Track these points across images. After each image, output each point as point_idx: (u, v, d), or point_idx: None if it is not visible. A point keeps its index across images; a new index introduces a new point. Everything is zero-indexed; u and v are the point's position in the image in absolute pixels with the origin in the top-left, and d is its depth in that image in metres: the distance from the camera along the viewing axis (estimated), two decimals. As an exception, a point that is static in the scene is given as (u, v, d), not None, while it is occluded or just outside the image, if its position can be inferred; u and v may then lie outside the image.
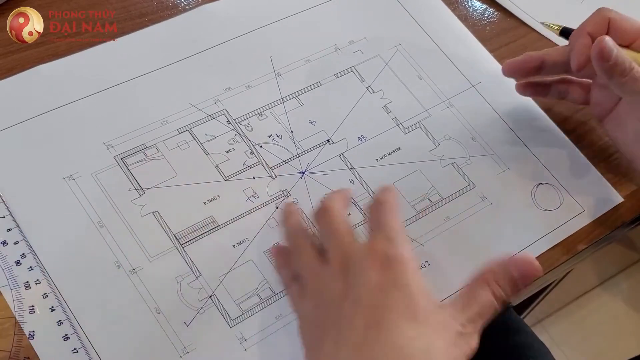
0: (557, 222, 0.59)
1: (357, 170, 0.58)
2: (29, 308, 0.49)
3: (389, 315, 0.43)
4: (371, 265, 0.45)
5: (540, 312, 1.46)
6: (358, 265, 0.45)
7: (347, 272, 0.45)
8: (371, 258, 0.45)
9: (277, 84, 0.62)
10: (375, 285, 0.44)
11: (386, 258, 0.45)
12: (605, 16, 0.57)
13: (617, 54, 0.54)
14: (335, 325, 0.44)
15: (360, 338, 0.42)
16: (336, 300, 0.45)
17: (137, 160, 0.56)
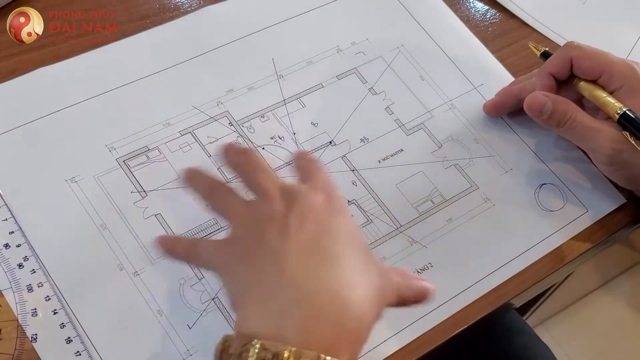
0: (560, 223, 0.59)
1: (359, 172, 0.58)
2: (31, 311, 0.49)
3: (337, 229, 0.43)
4: (314, 195, 0.44)
5: (543, 313, 1.46)
6: (301, 192, 0.44)
7: (287, 198, 0.44)
8: (314, 190, 0.45)
9: (279, 85, 0.61)
10: (320, 206, 0.44)
11: (329, 195, 0.45)
12: (567, 56, 0.58)
13: (552, 107, 0.56)
14: (279, 230, 0.42)
15: (310, 240, 0.42)
16: (277, 215, 0.43)
17: (140, 162, 0.56)
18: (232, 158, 0.48)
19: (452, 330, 0.53)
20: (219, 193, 0.47)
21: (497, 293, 0.55)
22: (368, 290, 0.42)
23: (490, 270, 0.56)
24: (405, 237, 0.56)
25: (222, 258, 0.44)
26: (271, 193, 0.44)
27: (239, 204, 0.46)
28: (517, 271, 0.56)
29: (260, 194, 0.45)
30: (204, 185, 0.48)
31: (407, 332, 0.52)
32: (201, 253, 0.46)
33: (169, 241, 0.48)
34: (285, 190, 0.45)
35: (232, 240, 0.44)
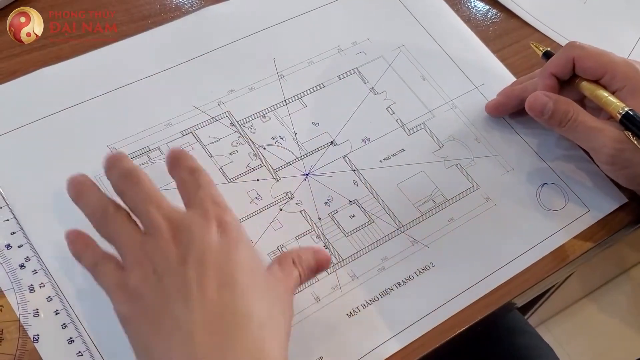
0: (562, 222, 0.59)
1: (360, 171, 0.58)
2: (33, 311, 0.49)
3: (238, 274, 0.42)
4: (207, 228, 0.43)
5: (545, 313, 1.46)
6: (193, 229, 0.42)
7: (179, 237, 0.42)
8: (206, 222, 0.43)
9: (281, 85, 0.61)
10: (216, 246, 0.42)
11: (221, 222, 0.43)
12: (569, 56, 0.58)
13: (553, 107, 0.56)
14: (180, 290, 0.41)
15: (215, 298, 0.41)
16: (174, 265, 0.41)
17: (141, 162, 0.56)
18: (117, 183, 0.46)
19: (453, 330, 0.53)
20: (111, 222, 0.44)
21: (498, 293, 0.55)
22: (281, 340, 0.43)
23: (491, 270, 0.56)
24: (407, 237, 0.56)
25: (122, 307, 0.42)
26: (161, 228, 0.42)
27: (134, 239, 0.43)
28: (518, 271, 0.56)
29: (151, 229, 0.43)
30: (93, 206, 0.45)
31: (408, 332, 0.52)
32: (102, 278, 0.44)
33: (79, 242, 0.46)
34: (175, 225, 0.43)
35: (130, 290, 0.42)
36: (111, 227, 0.44)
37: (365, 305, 0.53)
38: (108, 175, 0.46)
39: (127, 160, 0.46)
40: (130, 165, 0.46)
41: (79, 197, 0.46)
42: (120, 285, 0.42)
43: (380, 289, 0.53)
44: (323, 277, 0.53)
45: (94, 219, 0.45)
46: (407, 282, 0.54)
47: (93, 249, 0.45)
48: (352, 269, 0.54)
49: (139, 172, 0.45)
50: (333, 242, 0.55)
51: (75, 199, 0.46)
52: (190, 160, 0.47)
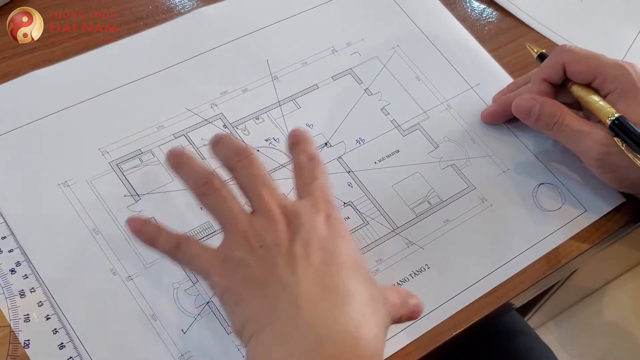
0: (558, 223, 0.58)
1: (355, 173, 0.58)
2: (24, 316, 0.48)
3: (342, 258, 0.43)
4: (316, 217, 0.44)
5: (546, 313, 1.45)
6: (302, 215, 0.44)
7: (289, 221, 0.44)
8: (315, 211, 0.44)
9: (274, 87, 0.61)
10: (323, 232, 0.44)
11: (329, 216, 0.45)
12: (559, 60, 0.57)
13: (540, 109, 0.57)
14: (287, 261, 0.42)
15: (321, 272, 0.42)
16: (283, 242, 0.43)
17: (133, 165, 0.55)
18: (229, 158, 0.47)
19: (449, 332, 0.52)
20: (216, 193, 0.45)
21: (494, 294, 0.55)
22: (379, 323, 0.42)
23: (487, 271, 0.55)
24: (402, 238, 0.55)
25: (223, 280, 0.43)
26: (274, 213, 0.44)
27: (240, 216, 0.44)
28: (515, 272, 0.56)
29: (263, 211, 0.44)
30: (196, 177, 0.46)
31: (403, 335, 0.51)
32: (192, 258, 0.45)
33: (146, 227, 0.47)
34: (287, 211, 0.44)
35: (235, 261, 0.43)
36: (216, 197, 0.45)
37: (360, 308, 0.52)
38: (216, 151, 0.47)
39: (237, 140, 0.47)
40: (242, 144, 0.47)
41: (179, 166, 0.47)
42: (222, 259, 0.43)
43: (375, 291, 0.53)
44: (317, 279, 0.53)
45: (196, 187, 0.46)
46: (402, 284, 0.54)
47: (167, 232, 0.46)
48: (346, 272, 0.53)
49: (252, 152, 0.47)
50: (327, 245, 0.54)
51: (176, 167, 0.47)
52: (311, 146, 0.49)
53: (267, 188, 0.45)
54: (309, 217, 0.44)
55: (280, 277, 0.41)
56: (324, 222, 0.44)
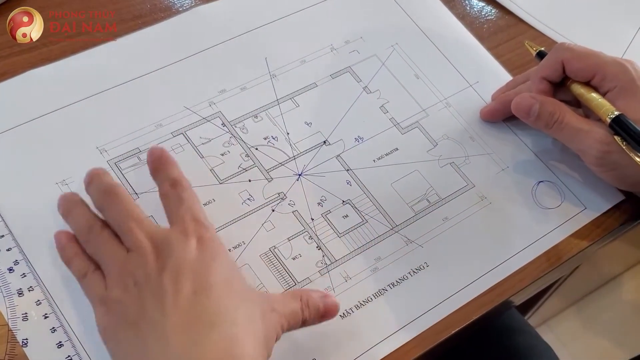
0: (558, 220, 0.58)
1: (354, 171, 0.58)
2: (22, 315, 0.48)
3: (213, 280, 0.43)
4: (186, 243, 0.44)
5: (547, 312, 1.45)
6: (172, 243, 0.44)
7: (160, 252, 0.44)
8: (185, 237, 0.44)
9: (273, 85, 0.61)
10: (194, 258, 0.44)
11: (201, 238, 0.45)
12: (558, 58, 0.57)
13: (539, 108, 0.57)
14: (156, 296, 0.42)
15: (189, 303, 0.42)
16: (152, 276, 0.43)
17: (131, 164, 0.55)
18: (97, 200, 0.48)
19: (447, 331, 0.52)
20: (97, 238, 0.46)
21: (493, 293, 0.54)
22: (256, 339, 0.43)
23: (486, 269, 0.55)
24: (401, 236, 0.55)
25: (104, 320, 0.44)
26: (143, 246, 0.44)
27: (117, 256, 0.45)
28: (513, 270, 0.56)
29: (134, 247, 0.44)
30: (81, 225, 0.47)
31: (402, 333, 0.51)
32: (89, 290, 0.46)
33: (68, 248, 0.47)
34: (157, 242, 0.44)
35: (111, 302, 0.44)
36: (96, 244, 0.46)
37: (359, 306, 0.52)
38: (88, 191, 0.48)
39: (106, 176, 0.48)
40: (109, 181, 0.48)
41: (67, 214, 0.48)
42: (102, 299, 0.44)
43: (374, 290, 0.53)
44: (316, 278, 0.53)
45: (80, 235, 0.47)
46: (401, 282, 0.53)
47: (82, 259, 0.47)
48: (345, 270, 0.53)
49: (119, 188, 0.47)
50: (326, 243, 0.54)
51: (65, 216, 0.48)
52: (172, 169, 0.48)
53: (134, 221, 0.45)
54: (178, 244, 0.44)
55: (149, 315, 0.42)
56: (196, 246, 0.44)
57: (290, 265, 0.53)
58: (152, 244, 0.44)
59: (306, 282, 0.52)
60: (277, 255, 0.53)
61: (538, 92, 0.58)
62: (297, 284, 0.52)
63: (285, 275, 0.52)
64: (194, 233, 0.45)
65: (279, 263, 0.53)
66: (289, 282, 0.52)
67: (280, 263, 0.53)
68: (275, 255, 0.53)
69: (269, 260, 0.53)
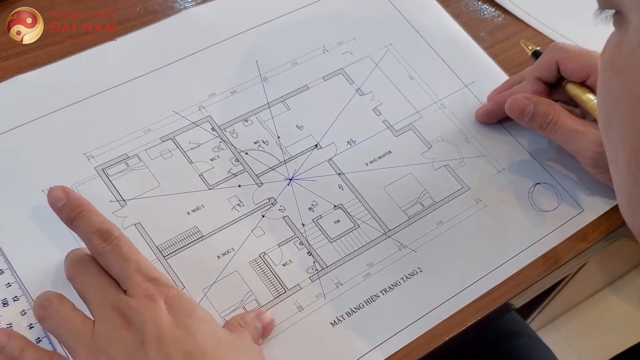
0: (555, 223, 0.57)
1: (346, 175, 0.57)
2: (6, 326, 0.47)
3: (201, 341, 0.43)
4: (156, 309, 0.43)
5: (552, 312, 1.44)
6: (142, 312, 0.43)
7: (131, 324, 0.43)
8: (152, 302, 0.43)
9: (263, 88, 0.60)
10: (170, 323, 0.43)
11: (166, 298, 0.44)
12: (552, 59, 0.56)
13: (533, 109, 0.56)
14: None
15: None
16: (134, 350, 0.42)
17: (119, 170, 0.54)
18: (67, 269, 0.47)
19: (441, 337, 0.51)
20: (55, 315, 0.44)
21: (489, 297, 0.53)
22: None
23: (482, 274, 0.54)
24: (394, 241, 0.54)
25: None
26: (113, 320, 0.43)
27: (83, 335, 0.43)
28: (510, 274, 0.54)
29: (101, 319, 0.43)
30: (36, 301, 0.46)
31: (395, 340, 0.50)
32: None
33: (5, 338, 0.45)
34: (124, 312, 0.43)
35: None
36: (56, 319, 0.44)
37: (350, 313, 0.51)
38: (65, 266, 0.47)
39: (76, 249, 0.47)
40: (80, 252, 0.47)
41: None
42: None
43: (366, 296, 0.52)
44: (306, 285, 0.52)
45: (36, 310, 0.45)
46: (394, 288, 0.52)
47: (33, 350, 0.45)
48: (336, 276, 0.52)
49: (87, 257, 0.46)
50: (317, 249, 0.53)
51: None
52: (93, 217, 0.47)
53: (95, 290, 0.44)
54: (149, 313, 0.42)
55: None
56: (165, 310, 0.43)
57: (280, 272, 0.52)
58: (118, 313, 0.43)
59: (296, 288, 0.51)
60: (267, 262, 0.52)
61: (533, 92, 0.57)
62: (286, 290, 0.51)
63: (275, 282, 0.51)
64: (158, 295, 0.43)
65: (268, 270, 0.52)
66: (279, 289, 0.51)
67: (270, 270, 0.52)
68: (265, 262, 0.52)
69: (259, 266, 0.52)
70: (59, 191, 0.47)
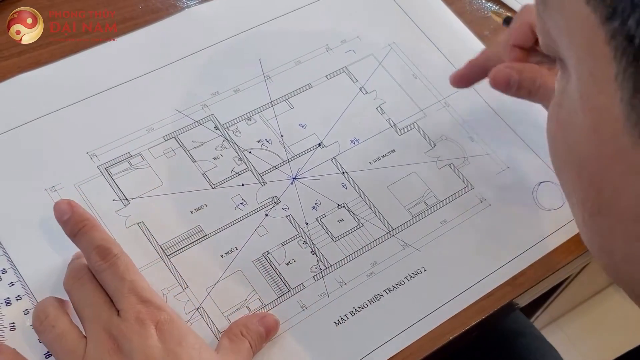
0: (560, 221, 0.57)
1: (349, 174, 0.57)
2: (9, 325, 0.47)
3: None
4: (146, 335, 0.42)
5: (555, 311, 1.43)
6: (132, 338, 0.42)
7: (121, 349, 0.42)
8: (142, 328, 0.43)
9: (267, 86, 0.60)
10: (160, 352, 0.42)
11: (158, 323, 0.43)
12: (525, 22, 0.54)
13: (519, 77, 0.53)
14: None
15: None
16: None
17: (122, 169, 0.54)
18: (65, 282, 0.47)
19: (445, 337, 0.51)
20: (51, 330, 0.44)
21: (493, 297, 0.53)
22: None
23: (486, 273, 0.54)
24: (397, 240, 0.54)
25: None
26: (103, 345, 0.42)
27: (75, 356, 0.43)
28: (515, 273, 0.54)
29: (93, 340, 0.43)
30: (35, 313, 0.46)
31: (398, 340, 0.50)
32: None
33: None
34: (115, 337, 0.43)
35: None
36: (51, 334, 0.44)
37: (354, 312, 0.51)
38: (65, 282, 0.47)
39: (78, 260, 0.47)
40: (80, 265, 0.46)
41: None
42: None
43: (370, 295, 0.52)
44: (310, 284, 0.51)
45: (34, 327, 0.45)
46: (398, 287, 0.52)
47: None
48: (340, 275, 0.52)
49: (85, 271, 0.46)
50: (320, 248, 0.53)
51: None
52: (94, 233, 0.46)
53: (89, 307, 0.44)
54: (138, 338, 0.42)
55: None
56: (155, 336, 0.43)
57: (284, 271, 0.52)
58: (110, 337, 0.43)
59: (300, 287, 0.51)
60: (271, 261, 0.52)
61: (512, 60, 0.55)
62: (290, 290, 0.51)
63: (279, 281, 0.51)
64: (149, 319, 0.43)
65: (272, 269, 0.52)
66: (282, 288, 0.51)
67: (274, 269, 0.52)
68: (269, 261, 0.52)
69: (262, 266, 0.52)
70: (64, 205, 0.47)
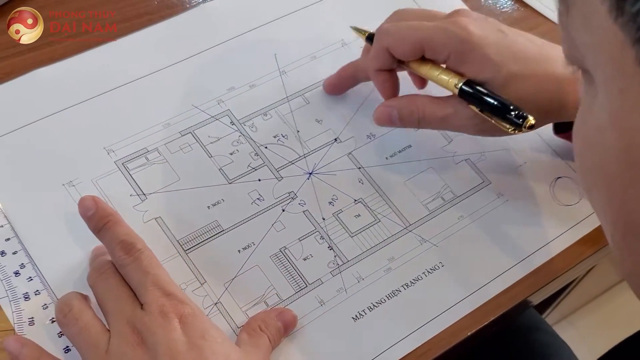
0: (577, 217, 0.57)
1: (366, 169, 0.56)
2: (28, 320, 0.47)
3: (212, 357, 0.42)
4: (169, 328, 0.42)
5: (567, 308, 1.43)
6: (156, 331, 0.42)
7: (145, 342, 0.42)
8: (166, 321, 0.43)
9: (282, 82, 0.60)
10: (183, 345, 0.42)
11: (182, 316, 0.43)
12: (382, 47, 0.52)
13: (398, 113, 0.53)
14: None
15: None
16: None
17: (139, 164, 0.54)
18: (90, 276, 0.47)
19: (463, 333, 0.51)
20: (75, 323, 0.45)
21: (511, 292, 0.53)
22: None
23: (504, 269, 0.54)
24: (415, 236, 0.54)
25: None
26: (127, 338, 0.43)
27: (97, 351, 0.43)
28: (532, 269, 0.54)
29: (117, 333, 0.43)
30: (58, 306, 0.46)
31: (416, 335, 0.50)
32: None
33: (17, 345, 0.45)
34: (139, 330, 0.43)
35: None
36: (75, 327, 0.44)
37: (372, 308, 0.51)
38: (89, 277, 0.47)
39: (102, 257, 0.48)
40: (103, 260, 0.47)
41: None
42: None
43: (387, 290, 0.51)
44: (328, 279, 0.51)
45: (57, 315, 0.46)
46: (415, 283, 0.52)
47: (49, 358, 0.45)
48: (357, 271, 0.52)
49: (109, 266, 0.46)
50: (337, 243, 0.53)
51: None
52: (118, 228, 0.47)
53: (113, 301, 0.44)
54: (162, 332, 0.42)
55: None
56: (179, 329, 0.43)
57: (301, 266, 0.51)
58: (133, 331, 0.43)
59: (317, 283, 0.51)
60: (288, 256, 0.52)
61: (380, 87, 0.54)
62: (308, 285, 0.51)
63: (296, 276, 0.51)
64: (172, 312, 0.43)
65: (289, 264, 0.51)
66: (300, 283, 0.51)
67: (291, 264, 0.51)
68: (286, 256, 0.52)
69: (279, 261, 0.52)
70: (89, 201, 0.48)
